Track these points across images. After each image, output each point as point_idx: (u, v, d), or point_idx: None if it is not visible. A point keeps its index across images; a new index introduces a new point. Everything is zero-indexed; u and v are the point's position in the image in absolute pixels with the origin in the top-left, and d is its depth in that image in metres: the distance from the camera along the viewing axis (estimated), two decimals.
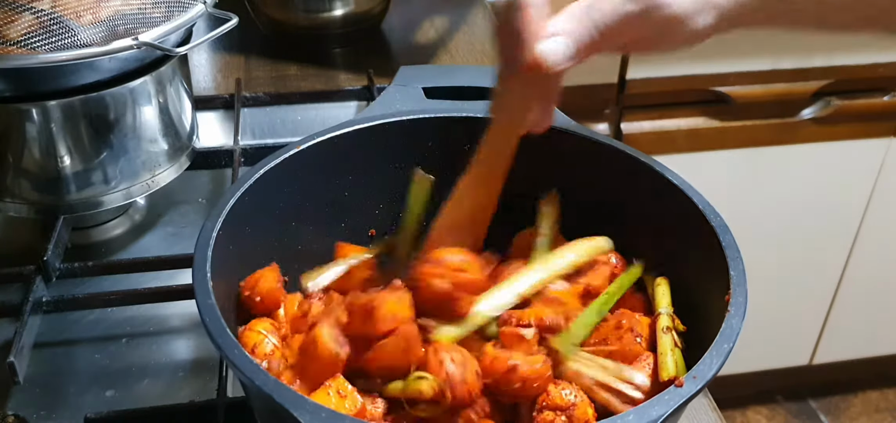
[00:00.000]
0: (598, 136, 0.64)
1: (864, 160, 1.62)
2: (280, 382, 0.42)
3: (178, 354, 0.67)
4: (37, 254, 0.67)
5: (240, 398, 0.59)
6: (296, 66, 1.10)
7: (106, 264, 0.72)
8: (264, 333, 0.53)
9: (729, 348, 0.45)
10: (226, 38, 0.76)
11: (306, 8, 1.14)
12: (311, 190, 0.62)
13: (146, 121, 0.72)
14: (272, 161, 0.59)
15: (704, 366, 0.44)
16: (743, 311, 0.48)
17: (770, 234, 1.65)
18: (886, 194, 1.66)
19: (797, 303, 1.79)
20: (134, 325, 0.69)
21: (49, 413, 0.61)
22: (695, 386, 0.43)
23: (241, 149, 0.82)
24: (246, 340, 0.52)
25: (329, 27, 1.15)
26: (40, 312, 0.65)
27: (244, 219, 0.56)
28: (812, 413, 2.02)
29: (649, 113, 1.48)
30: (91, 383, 0.63)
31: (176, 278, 0.71)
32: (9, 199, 0.70)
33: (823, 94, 1.52)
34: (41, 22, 0.65)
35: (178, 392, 0.63)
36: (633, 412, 0.41)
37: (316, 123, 0.97)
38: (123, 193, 0.73)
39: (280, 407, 0.40)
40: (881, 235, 1.72)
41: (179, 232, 0.81)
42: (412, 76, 0.72)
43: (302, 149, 0.60)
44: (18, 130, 0.67)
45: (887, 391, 2.08)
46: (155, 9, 0.70)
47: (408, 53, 1.17)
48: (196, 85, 1.03)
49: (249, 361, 0.43)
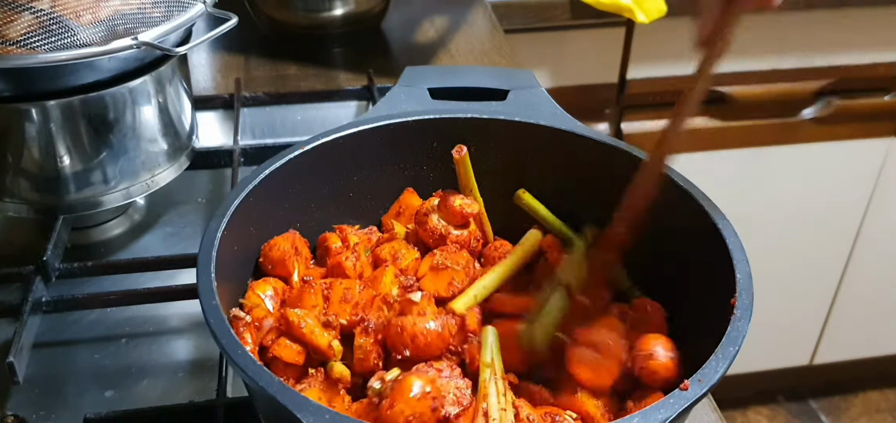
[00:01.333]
0: (598, 135, 0.64)
1: (864, 160, 1.61)
2: (284, 383, 0.42)
3: (178, 354, 0.67)
4: (36, 254, 0.66)
5: (239, 398, 0.59)
6: (296, 66, 1.10)
7: (105, 264, 0.72)
8: (262, 296, 0.55)
9: (734, 351, 0.45)
10: (225, 38, 0.76)
11: (306, 8, 1.14)
12: (315, 191, 0.62)
13: (146, 121, 0.72)
14: (277, 162, 0.59)
15: (710, 369, 0.44)
16: (749, 314, 0.48)
17: (770, 234, 1.65)
18: (886, 194, 1.66)
19: (797, 303, 1.79)
20: (133, 325, 0.69)
21: (49, 413, 0.60)
22: (700, 389, 0.43)
23: (240, 149, 0.82)
24: (246, 300, 0.55)
25: (329, 27, 1.15)
26: (40, 312, 0.64)
27: (248, 220, 0.56)
28: (812, 413, 2.02)
29: (649, 113, 1.47)
30: (91, 383, 0.63)
31: (176, 278, 0.71)
32: (8, 199, 0.70)
33: (823, 94, 1.52)
34: (41, 22, 0.65)
35: (178, 392, 0.63)
36: (639, 415, 0.41)
37: (316, 123, 0.97)
38: (123, 193, 0.73)
39: (283, 409, 0.40)
40: (881, 235, 1.72)
41: (179, 232, 0.81)
42: (417, 77, 0.72)
43: (307, 149, 0.60)
44: (18, 130, 0.67)
45: (887, 390, 2.07)
46: (154, 9, 0.70)
47: (408, 53, 1.17)
48: (196, 85, 1.03)
49: (254, 362, 0.43)
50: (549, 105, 0.69)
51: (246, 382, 0.45)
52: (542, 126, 0.64)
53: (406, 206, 0.65)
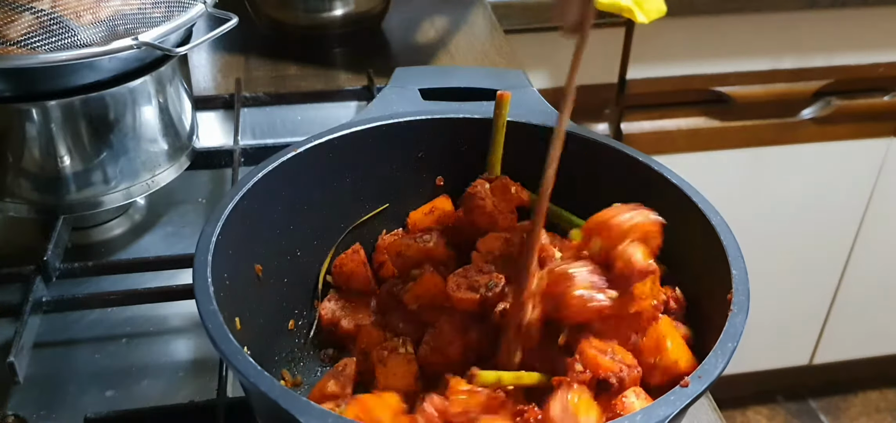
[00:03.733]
0: (596, 136, 0.64)
1: (864, 160, 1.62)
2: (285, 388, 0.42)
3: (178, 354, 0.67)
4: (37, 254, 0.67)
5: (240, 398, 0.59)
6: (296, 66, 1.10)
7: (106, 264, 0.72)
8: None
9: (733, 347, 0.45)
10: (226, 38, 0.76)
11: (306, 8, 1.14)
12: (309, 193, 0.62)
13: (146, 121, 0.72)
14: (268, 166, 0.59)
15: (710, 365, 0.44)
16: (746, 309, 0.48)
17: (770, 234, 1.65)
18: (886, 194, 1.66)
19: (797, 303, 1.79)
20: (134, 325, 0.69)
21: (49, 413, 0.61)
22: (701, 386, 0.43)
23: (240, 149, 0.82)
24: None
25: (329, 27, 1.15)
26: (40, 312, 0.65)
27: (242, 224, 0.56)
28: (812, 413, 2.02)
29: (649, 113, 1.48)
30: (91, 383, 0.63)
31: (176, 278, 0.71)
32: (9, 199, 0.70)
33: (823, 94, 1.52)
34: (41, 22, 0.65)
35: (178, 392, 0.63)
36: (641, 412, 0.42)
37: (316, 124, 0.97)
38: (123, 193, 0.73)
39: (286, 413, 0.40)
40: (881, 235, 1.72)
41: (179, 232, 0.81)
42: (408, 77, 0.72)
43: (298, 152, 0.60)
44: (18, 130, 0.67)
45: (887, 390, 2.08)
46: (155, 9, 0.70)
47: (408, 53, 1.17)
48: (196, 85, 1.03)
49: (253, 366, 0.43)
50: (540, 105, 0.69)
51: (246, 386, 0.45)
52: (533, 125, 0.65)
53: (439, 210, 0.66)
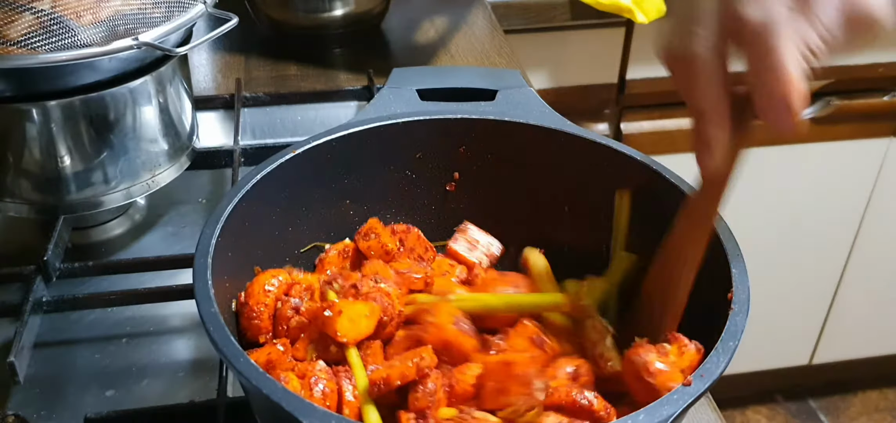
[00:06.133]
0: (595, 136, 0.64)
1: (864, 160, 1.62)
2: (288, 389, 0.42)
3: (178, 354, 0.67)
4: (37, 254, 0.67)
5: (240, 397, 0.59)
6: (296, 66, 1.10)
7: (106, 264, 0.72)
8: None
9: (734, 346, 0.46)
10: (226, 38, 0.76)
11: (306, 8, 1.14)
12: (307, 194, 0.62)
13: (146, 121, 0.72)
14: (267, 167, 0.59)
15: (711, 364, 0.45)
16: (746, 308, 0.48)
17: (770, 234, 1.65)
18: (886, 194, 1.66)
19: (796, 303, 1.79)
20: (134, 325, 0.69)
21: (49, 413, 0.61)
22: (703, 385, 0.43)
23: (241, 149, 0.82)
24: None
25: (329, 27, 1.15)
26: (40, 312, 0.65)
27: (242, 224, 0.56)
28: (812, 413, 2.02)
29: (649, 113, 1.48)
30: (91, 383, 0.63)
31: (176, 278, 0.71)
32: (9, 199, 0.70)
33: (823, 94, 1.52)
34: (41, 22, 0.65)
35: (178, 392, 0.63)
36: (644, 412, 0.42)
37: (316, 124, 0.97)
38: (123, 193, 0.73)
39: (288, 415, 0.40)
40: (881, 235, 1.72)
41: (179, 232, 0.81)
42: (406, 78, 0.72)
43: (296, 154, 0.60)
44: (18, 130, 0.67)
45: (887, 390, 2.08)
46: (155, 9, 0.70)
47: (408, 54, 1.17)
48: (196, 85, 1.03)
49: (255, 368, 0.43)
50: (537, 104, 0.69)
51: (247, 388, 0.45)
52: (531, 125, 0.65)
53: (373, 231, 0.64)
